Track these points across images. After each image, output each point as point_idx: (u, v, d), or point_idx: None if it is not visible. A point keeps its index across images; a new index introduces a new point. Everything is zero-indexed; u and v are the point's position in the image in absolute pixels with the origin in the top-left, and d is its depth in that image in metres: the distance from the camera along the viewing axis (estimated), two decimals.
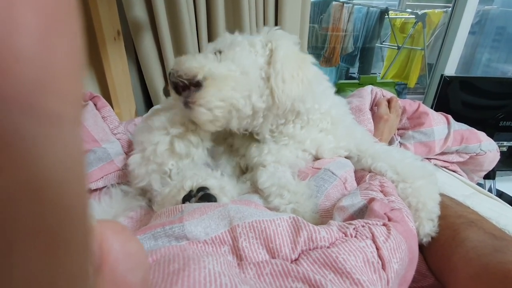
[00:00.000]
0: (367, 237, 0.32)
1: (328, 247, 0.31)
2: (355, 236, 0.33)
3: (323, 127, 0.61)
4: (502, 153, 1.20)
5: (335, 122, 0.61)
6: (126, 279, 0.14)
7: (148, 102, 1.40)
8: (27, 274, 0.09)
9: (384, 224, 0.35)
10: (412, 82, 2.68)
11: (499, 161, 0.87)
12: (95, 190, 0.62)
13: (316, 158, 0.61)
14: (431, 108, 1.29)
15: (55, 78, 0.09)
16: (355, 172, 0.59)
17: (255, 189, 0.53)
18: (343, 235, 0.33)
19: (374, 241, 0.32)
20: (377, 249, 0.31)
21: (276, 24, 1.23)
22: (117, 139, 0.68)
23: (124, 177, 0.64)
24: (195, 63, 0.47)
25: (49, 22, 0.09)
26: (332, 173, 0.54)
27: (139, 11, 1.16)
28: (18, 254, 0.08)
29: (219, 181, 0.48)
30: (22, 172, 0.08)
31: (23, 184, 0.08)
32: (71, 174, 0.10)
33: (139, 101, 1.37)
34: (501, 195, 1.27)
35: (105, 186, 0.62)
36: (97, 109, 0.69)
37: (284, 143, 0.58)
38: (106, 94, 1.08)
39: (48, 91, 0.09)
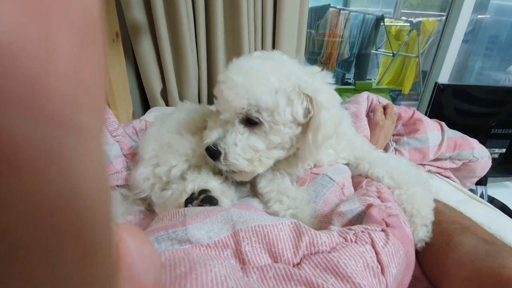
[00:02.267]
0: (366, 242, 0.33)
1: (329, 252, 0.32)
2: (355, 241, 0.34)
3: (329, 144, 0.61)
4: (493, 160, 1.22)
5: (339, 137, 0.62)
6: (141, 279, 0.15)
7: (145, 105, 1.40)
8: (67, 278, 0.09)
9: (382, 230, 0.36)
10: (406, 89, 2.72)
11: (491, 168, 0.89)
12: None
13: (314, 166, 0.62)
14: (425, 114, 1.32)
15: (86, 94, 0.09)
16: (352, 177, 0.60)
17: (255, 193, 0.54)
18: (344, 240, 0.34)
19: (373, 246, 0.33)
20: (377, 254, 0.32)
21: (274, 28, 1.24)
22: (116, 141, 0.68)
23: (122, 179, 0.64)
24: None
25: (82, 41, 0.09)
26: (330, 178, 0.55)
27: (138, 13, 1.17)
28: (60, 259, 0.09)
29: (220, 183, 0.49)
30: (63, 184, 0.09)
31: (64, 195, 0.09)
32: (99, 182, 0.10)
33: (136, 103, 1.37)
34: (492, 201, 1.30)
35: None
36: None
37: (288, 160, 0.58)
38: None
39: (79, 106, 0.09)
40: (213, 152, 0.48)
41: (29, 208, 0.08)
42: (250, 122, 0.49)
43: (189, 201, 0.44)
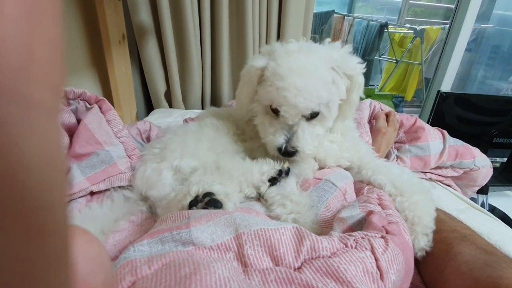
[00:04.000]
0: (366, 248, 0.34)
1: (329, 257, 0.32)
2: (355, 247, 0.34)
3: (334, 138, 0.64)
4: (495, 169, 1.23)
5: (345, 134, 0.65)
6: (87, 280, 0.14)
7: (149, 106, 1.41)
8: (7, 256, 0.09)
9: (382, 237, 0.36)
10: (409, 96, 2.73)
11: (492, 177, 0.89)
12: (98, 192, 0.62)
13: (318, 167, 0.63)
14: (427, 121, 1.32)
15: (36, 65, 0.09)
16: (354, 183, 0.61)
17: (257, 197, 0.54)
18: (344, 245, 0.35)
19: (373, 252, 0.33)
20: (376, 260, 0.33)
21: (278, 33, 1.26)
22: (121, 142, 0.69)
23: (126, 180, 0.65)
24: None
25: (30, 10, 0.09)
26: (333, 184, 0.55)
27: (144, 16, 1.18)
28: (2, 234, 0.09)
29: (224, 187, 0.50)
30: (6, 156, 0.08)
31: (8, 168, 0.08)
32: (51, 160, 0.10)
33: (140, 104, 1.39)
34: (493, 210, 1.30)
35: (107, 189, 0.63)
36: (102, 112, 0.69)
37: None
38: (109, 96, 1.09)
39: (29, 78, 0.09)
40: (291, 153, 0.55)
41: None
42: (311, 116, 0.55)
43: (193, 204, 0.45)
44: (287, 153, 0.55)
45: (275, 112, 0.56)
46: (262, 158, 0.57)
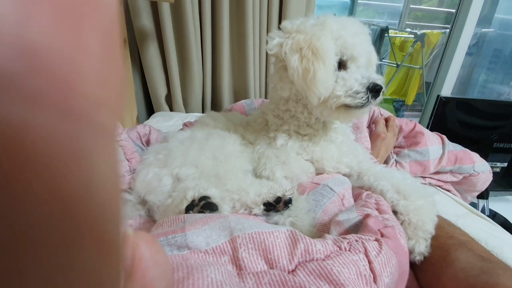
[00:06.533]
0: (360, 251, 0.34)
1: (323, 260, 0.32)
2: (349, 250, 0.34)
3: (332, 137, 0.65)
4: (495, 173, 1.23)
5: (342, 134, 0.66)
6: (154, 286, 0.15)
7: (149, 109, 1.42)
8: (83, 269, 0.10)
9: (376, 239, 0.36)
10: (410, 100, 2.73)
11: (493, 182, 0.89)
12: None
13: (316, 173, 0.63)
14: (428, 126, 1.32)
15: (108, 93, 0.10)
16: (352, 189, 0.61)
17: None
18: (338, 248, 0.35)
19: (366, 255, 0.33)
20: (369, 262, 0.33)
21: None
22: (120, 145, 0.69)
23: (125, 183, 0.65)
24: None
25: (107, 43, 0.10)
26: (331, 189, 0.56)
27: (145, 20, 1.19)
28: (76, 251, 0.10)
29: (220, 190, 0.50)
30: (81, 180, 0.09)
31: (81, 191, 0.09)
32: (112, 179, 0.11)
33: (141, 108, 1.39)
34: (494, 215, 1.29)
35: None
36: None
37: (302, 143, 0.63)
38: None
39: (102, 106, 0.10)
40: (380, 87, 0.55)
41: (49, 201, 0.08)
42: None
43: (189, 208, 0.45)
44: (377, 90, 0.55)
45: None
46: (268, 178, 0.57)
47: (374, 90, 0.54)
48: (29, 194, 0.08)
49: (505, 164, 1.35)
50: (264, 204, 0.50)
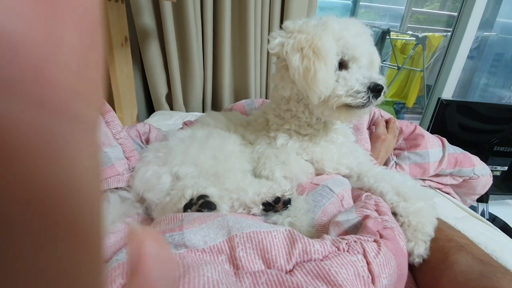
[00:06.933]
0: (358, 252, 0.34)
1: (321, 260, 0.32)
2: (347, 251, 0.34)
3: (332, 138, 0.64)
4: (495, 177, 1.22)
5: (343, 135, 0.65)
6: (157, 284, 0.15)
7: (150, 108, 1.42)
8: (59, 263, 0.10)
9: (375, 241, 0.36)
10: (410, 102, 2.73)
11: (493, 185, 0.89)
12: None
13: (316, 173, 0.63)
14: (428, 128, 1.32)
15: (86, 86, 0.10)
16: (352, 191, 0.60)
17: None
18: (336, 249, 0.34)
19: (365, 256, 0.33)
20: (368, 263, 0.33)
21: None
22: (119, 143, 0.69)
23: (124, 181, 0.65)
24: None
25: (84, 36, 0.10)
26: (330, 189, 0.55)
27: (147, 19, 1.19)
28: (53, 244, 0.09)
29: (219, 189, 0.50)
30: (59, 170, 0.09)
31: (59, 182, 0.09)
32: (93, 173, 0.11)
33: (141, 106, 1.39)
34: (494, 219, 1.29)
35: (104, 190, 0.63)
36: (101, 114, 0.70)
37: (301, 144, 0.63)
38: (110, 98, 1.10)
39: (79, 98, 0.10)
40: (381, 87, 0.55)
41: (25, 191, 0.08)
42: None
43: (188, 207, 0.45)
44: (378, 89, 0.55)
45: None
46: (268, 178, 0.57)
47: (375, 90, 0.54)
48: (3, 187, 0.08)
49: (505, 168, 1.34)
50: (263, 204, 0.50)
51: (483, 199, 1.25)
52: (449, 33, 1.87)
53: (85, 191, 0.10)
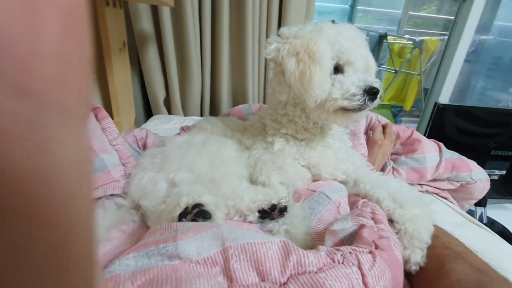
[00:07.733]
0: (353, 264, 0.33)
1: (316, 273, 0.32)
2: (342, 263, 0.34)
3: (328, 143, 0.65)
4: (493, 181, 1.22)
5: (339, 140, 0.65)
6: None
7: (148, 112, 1.42)
8: (43, 261, 0.10)
9: (370, 252, 0.36)
10: (408, 106, 2.74)
11: (491, 189, 0.89)
12: None
13: (313, 179, 0.63)
14: (425, 132, 1.32)
15: (70, 75, 0.10)
16: (348, 197, 0.60)
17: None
18: (331, 261, 0.34)
19: (360, 268, 0.33)
20: (363, 276, 0.32)
21: None
22: (115, 150, 0.69)
23: (120, 188, 0.65)
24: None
25: (67, 27, 0.10)
26: (327, 196, 0.55)
27: (145, 24, 1.19)
28: (36, 235, 0.09)
29: (215, 197, 0.49)
30: (42, 160, 0.09)
31: (43, 172, 0.09)
32: (80, 165, 0.11)
33: (139, 111, 1.39)
34: (492, 223, 1.29)
35: (100, 197, 0.63)
36: (97, 120, 0.69)
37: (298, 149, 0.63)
38: (108, 102, 1.10)
39: (63, 88, 0.10)
40: (377, 90, 0.55)
41: (7, 179, 0.08)
42: None
43: (182, 215, 0.44)
44: (375, 92, 0.55)
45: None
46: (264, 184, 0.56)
47: (371, 92, 0.55)
48: None
49: (504, 172, 1.34)
50: (259, 211, 0.50)
51: (481, 203, 1.25)
52: (446, 37, 1.88)
53: (69, 186, 0.10)
